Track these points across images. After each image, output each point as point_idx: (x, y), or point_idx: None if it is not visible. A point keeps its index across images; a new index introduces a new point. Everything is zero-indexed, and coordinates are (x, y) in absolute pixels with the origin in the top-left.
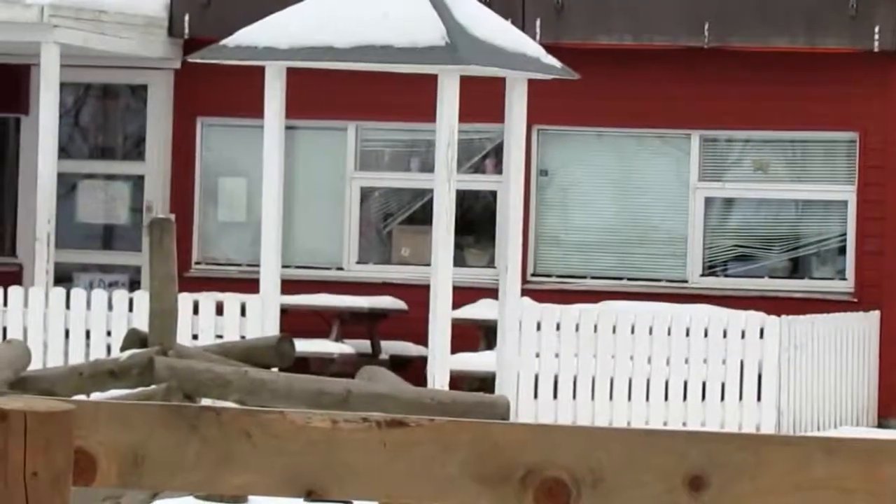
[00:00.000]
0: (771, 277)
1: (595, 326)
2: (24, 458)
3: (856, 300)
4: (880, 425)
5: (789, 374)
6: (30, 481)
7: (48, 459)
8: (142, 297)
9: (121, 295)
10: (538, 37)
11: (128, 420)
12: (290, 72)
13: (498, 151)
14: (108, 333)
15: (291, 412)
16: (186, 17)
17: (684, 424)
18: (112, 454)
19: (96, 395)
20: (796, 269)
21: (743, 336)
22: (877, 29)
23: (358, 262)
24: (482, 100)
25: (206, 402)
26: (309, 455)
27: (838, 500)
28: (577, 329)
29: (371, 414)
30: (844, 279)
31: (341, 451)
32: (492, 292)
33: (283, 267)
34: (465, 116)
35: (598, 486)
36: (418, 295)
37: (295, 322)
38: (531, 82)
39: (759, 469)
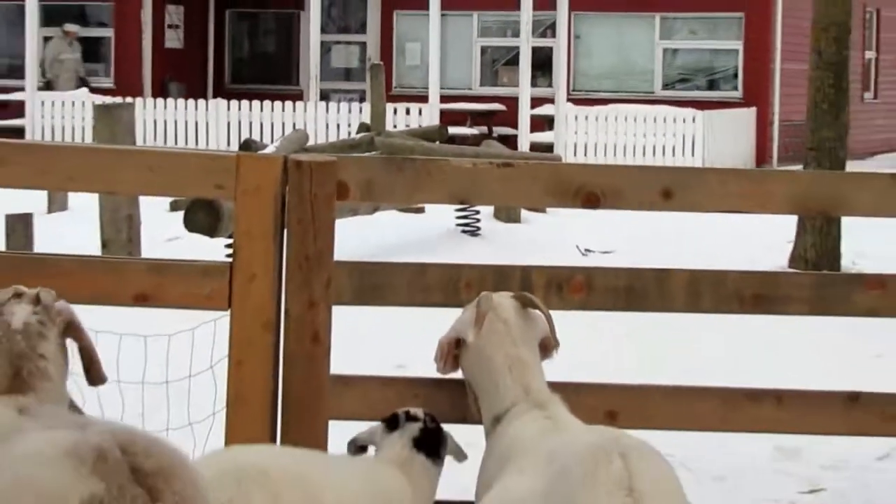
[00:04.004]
0: (698, 90)
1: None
2: (310, 187)
3: (744, 101)
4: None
5: (710, 142)
6: (313, 199)
7: (322, 188)
8: (366, 107)
9: (356, 106)
10: None
11: (365, 166)
12: None
13: None
14: (349, 125)
15: (452, 159)
16: None
17: None
18: (356, 184)
19: None
20: (711, 86)
21: (684, 122)
22: None
23: (481, 86)
24: None
25: None
26: (461, 182)
27: (742, 201)
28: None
29: (494, 158)
30: (737, 90)
31: (478, 179)
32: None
33: (442, 89)
34: None
35: (615, 196)
36: (511, 104)
37: (448, 118)
38: None
39: (702, 185)
